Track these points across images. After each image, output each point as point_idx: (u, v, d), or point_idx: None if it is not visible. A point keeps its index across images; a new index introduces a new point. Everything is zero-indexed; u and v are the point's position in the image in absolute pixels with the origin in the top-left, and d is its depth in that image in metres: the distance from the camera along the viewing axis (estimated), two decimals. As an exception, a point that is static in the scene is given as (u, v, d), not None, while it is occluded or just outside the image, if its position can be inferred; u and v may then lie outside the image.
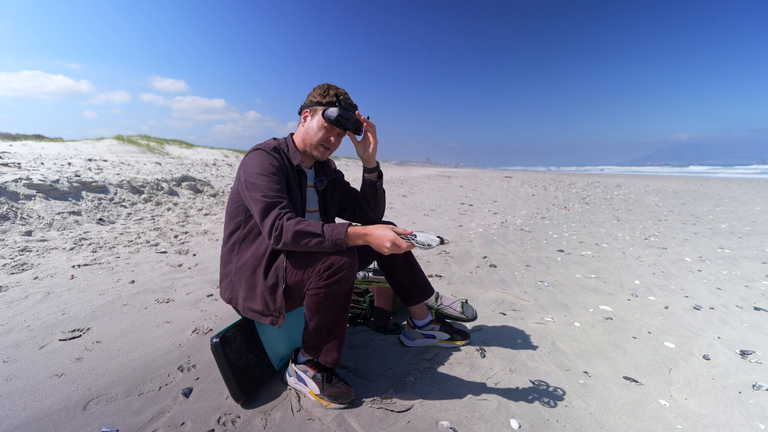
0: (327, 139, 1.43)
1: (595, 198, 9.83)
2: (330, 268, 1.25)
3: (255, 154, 1.36)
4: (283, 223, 1.23)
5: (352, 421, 1.26)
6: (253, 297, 1.36)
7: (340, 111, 1.37)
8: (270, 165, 1.33)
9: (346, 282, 1.27)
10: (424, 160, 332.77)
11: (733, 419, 1.32)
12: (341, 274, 1.25)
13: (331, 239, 1.23)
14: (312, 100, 1.44)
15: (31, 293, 2.21)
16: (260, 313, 1.35)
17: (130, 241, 3.49)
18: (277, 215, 1.24)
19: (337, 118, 1.37)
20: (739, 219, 6.16)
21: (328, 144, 1.44)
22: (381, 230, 1.23)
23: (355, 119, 1.41)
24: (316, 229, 1.23)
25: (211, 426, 1.22)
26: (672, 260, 3.50)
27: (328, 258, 1.26)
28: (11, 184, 4.23)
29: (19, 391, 1.35)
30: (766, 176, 31.02)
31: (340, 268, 1.25)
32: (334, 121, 1.38)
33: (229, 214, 1.44)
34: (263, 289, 1.33)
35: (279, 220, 1.24)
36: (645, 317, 2.18)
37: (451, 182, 15.64)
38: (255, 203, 1.28)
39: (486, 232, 4.72)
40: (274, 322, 1.34)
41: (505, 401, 1.39)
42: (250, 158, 1.36)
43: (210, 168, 11.73)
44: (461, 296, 2.38)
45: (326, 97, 1.41)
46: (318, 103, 1.42)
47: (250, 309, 1.37)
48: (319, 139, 1.42)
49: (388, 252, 1.22)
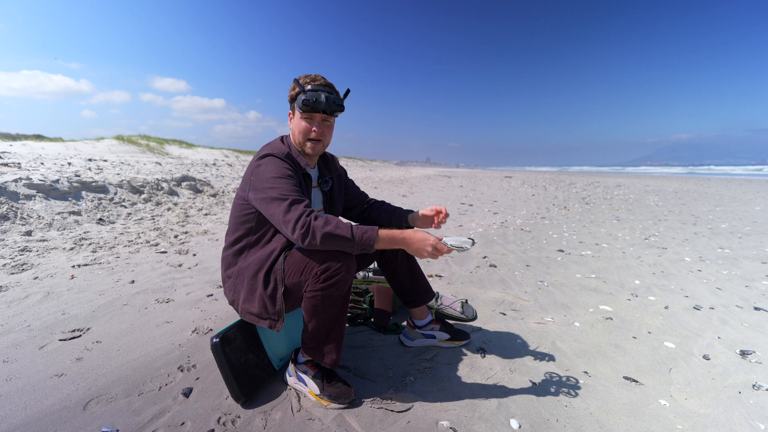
0: (308, 130, 1.39)
1: (595, 198, 9.83)
2: (327, 271, 1.24)
3: (268, 160, 1.33)
4: (311, 222, 1.20)
5: (352, 421, 1.26)
6: (252, 300, 1.34)
7: (307, 94, 1.33)
8: (285, 169, 1.31)
9: (343, 285, 1.26)
10: (424, 160, 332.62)
11: (733, 419, 1.32)
12: (338, 278, 1.24)
13: (360, 243, 1.21)
14: (288, 101, 1.43)
15: (31, 293, 2.21)
16: (258, 316, 1.34)
17: (130, 241, 3.49)
18: (302, 212, 1.21)
19: (305, 101, 1.33)
20: (739, 219, 6.16)
21: (310, 133, 1.39)
22: (421, 234, 1.23)
23: (325, 98, 1.33)
24: (345, 233, 1.21)
25: (211, 426, 1.22)
26: (672, 260, 3.50)
27: (325, 261, 1.25)
28: (11, 184, 4.23)
29: (19, 391, 1.35)
30: (766, 176, 31.03)
31: (336, 271, 1.24)
32: (305, 107, 1.34)
33: (236, 218, 1.41)
34: (262, 292, 1.32)
35: (306, 217, 1.21)
36: (645, 317, 2.18)
37: (451, 182, 15.64)
38: (274, 203, 1.25)
39: (486, 232, 4.72)
40: (272, 325, 1.32)
41: (505, 401, 1.39)
42: (264, 165, 1.32)
43: (210, 168, 11.73)
44: (461, 296, 2.38)
45: (294, 90, 1.38)
46: (291, 100, 1.41)
47: (248, 312, 1.36)
48: (302, 131, 1.39)
49: (426, 256, 1.25)
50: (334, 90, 1.41)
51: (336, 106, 1.37)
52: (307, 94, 1.33)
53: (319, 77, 1.39)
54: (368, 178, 15.93)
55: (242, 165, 15.24)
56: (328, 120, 1.42)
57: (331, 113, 1.40)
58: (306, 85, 1.36)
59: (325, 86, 1.38)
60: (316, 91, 1.34)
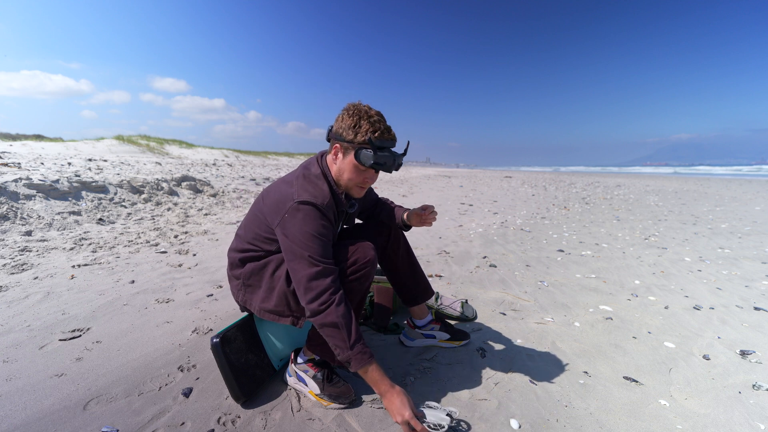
0: (364, 181, 1.32)
1: (595, 198, 9.82)
2: (355, 264, 1.26)
3: (309, 211, 1.22)
4: (333, 307, 1.16)
5: (352, 421, 1.26)
6: (270, 298, 1.33)
7: (376, 158, 1.23)
8: (322, 227, 1.23)
9: (366, 279, 1.29)
10: (424, 160, 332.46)
11: (733, 419, 1.32)
12: (366, 270, 1.27)
13: (347, 358, 1.18)
14: (342, 134, 1.26)
15: (31, 293, 2.21)
16: (278, 314, 1.33)
17: (130, 241, 3.49)
18: (328, 288, 1.17)
19: (376, 163, 1.24)
20: (739, 219, 6.16)
21: (364, 185, 1.34)
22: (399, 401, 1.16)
23: (392, 160, 1.26)
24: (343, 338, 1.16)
25: (211, 426, 1.22)
26: (672, 260, 3.50)
27: (354, 254, 1.27)
28: (11, 184, 4.23)
29: (19, 391, 1.35)
30: (766, 176, 31.01)
31: (365, 264, 1.26)
32: (374, 166, 1.26)
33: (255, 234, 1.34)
34: (286, 289, 1.29)
35: (331, 295, 1.17)
36: (645, 317, 2.18)
37: (451, 182, 15.64)
38: (302, 262, 1.19)
39: (486, 232, 4.72)
40: (294, 322, 1.32)
41: (505, 401, 1.39)
42: (303, 213, 1.22)
43: (210, 168, 11.73)
44: (461, 296, 2.38)
45: (358, 134, 1.24)
46: (349, 143, 1.26)
47: (267, 310, 1.34)
48: (356, 181, 1.31)
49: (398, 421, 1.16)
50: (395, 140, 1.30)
51: (398, 167, 1.30)
52: (378, 156, 1.23)
53: (387, 129, 1.26)
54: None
55: (242, 165, 15.24)
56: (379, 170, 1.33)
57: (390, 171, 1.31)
58: (376, 140, 1.23)
59: (393, 141, 1.28)
60: (388, 152, 1.26)
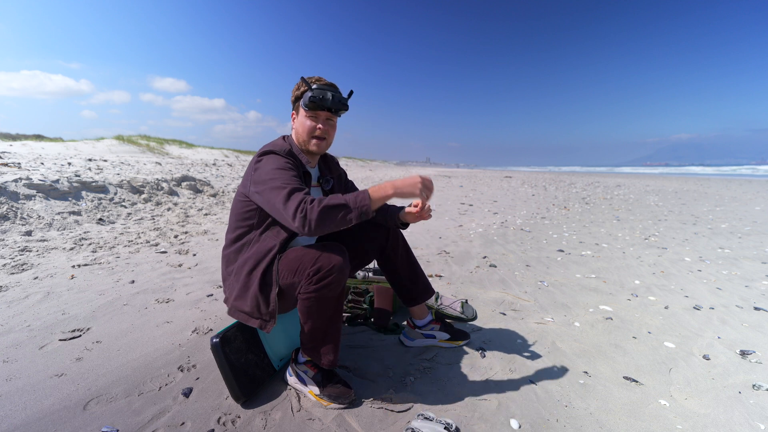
0: (314, 127, 1.41)
1: (595, 198, 9.83)
2: (319, 272, 1.23)
3: (269, 156, 1.35)
4: (307, 206, 1.20)
5: (352, 421, 1.26)
6: (244, 297, 1.33)
7: (313, 92, 1.37)
8: (286, 163, 1.33)
9: (336, 286, 1.26)
10: (424, 160, 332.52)
11: (733, 419, 1.32)
12: (330, 278, 1.23)
13: (357, 207, 1.21)
14: (291, 101, 1.46)
15: (31, 293, 2.21)
16: (248, 314, 1.33)
17: (130, 241, 3.49)
18: (301, 199, 1.22)
19: (311, 99, 1.36)
20: (739, 219, 6.16)
21: (315, 131, 1.42)
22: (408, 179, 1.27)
23: (330, 96, 1.38)
24: (339, 201, 1.21)
25: (211, 426, 1.22)
26: (672, 260, 3.50)
27: (317, 261, 1.24)
28: (11, 184, 4.23)
29: (19, 391, 1.35)
30: (766, 176, 30.98)
31: (329, 271, 1.23)
32: (311, 105, 1.37)
33: (237, 215, 1.41)
34: (257, 291, 1.31)
35: (303, 204, 1.21)
36: (645, 317, 2.18)
37: (451, 182, 15.64)
38: (274, 192, 1.25)
39: (486, 232, 4.72)
40: (262, 326, 1.32)
41: (505, 401, 1.39)
42: (265, 160, 1.34)
43: (210, 168, 11.74)
44: (461, 296, 2.38)
45: (299, 89, 1.42)
46: (296, 99, 1.44)
47: (239, 309, 1.35)
48: (307, 129, 1.41)
49: (418, 194, 1.27)
50: (338, 90, 1.45)
51: (341, 104, 1.41)
52: (314, 92, 1.37)
53: (323, 79, 1.43)
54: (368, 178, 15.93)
55: (242, 165, 15.24)
56: (332, 119, 1.45)
57: (336, 111, 1.43)
58: (312, 84, 1.40)
59: (331, 86, 1.43)
60: (323, 90, 1.38)
